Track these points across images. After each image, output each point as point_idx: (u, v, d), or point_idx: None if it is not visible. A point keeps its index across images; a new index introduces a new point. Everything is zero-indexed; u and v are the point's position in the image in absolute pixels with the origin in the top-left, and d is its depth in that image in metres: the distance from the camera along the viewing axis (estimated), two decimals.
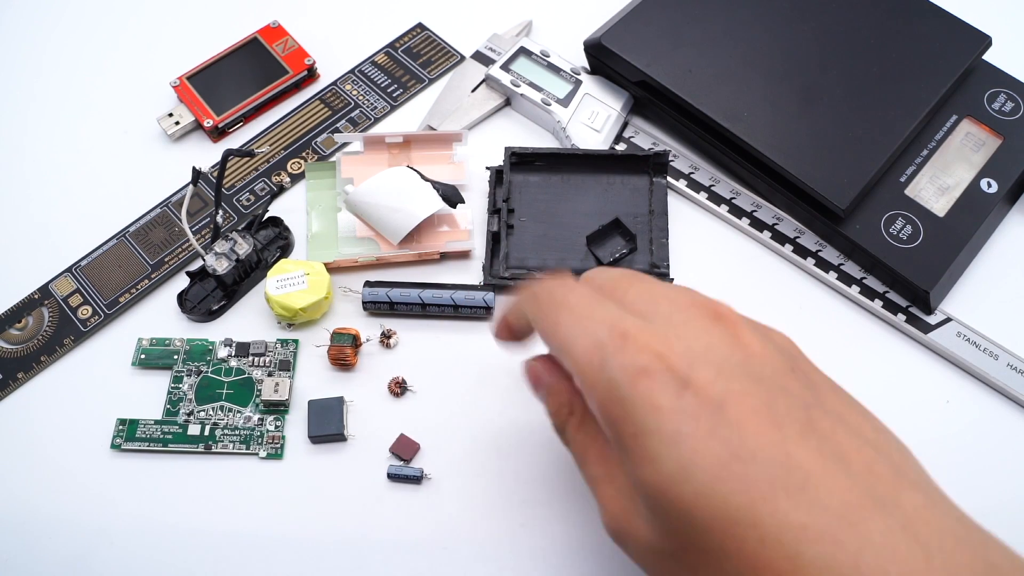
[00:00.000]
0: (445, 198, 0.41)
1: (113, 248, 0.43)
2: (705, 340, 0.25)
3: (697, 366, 0.24)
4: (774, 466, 0.22)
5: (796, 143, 0.41)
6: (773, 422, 0.23)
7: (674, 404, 0.23)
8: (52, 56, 0.50)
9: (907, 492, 0.23)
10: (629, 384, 0.24)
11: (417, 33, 0.50)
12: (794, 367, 0.26)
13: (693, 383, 0.24)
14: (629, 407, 0.24)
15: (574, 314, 0.27)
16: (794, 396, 0.24)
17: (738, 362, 0.24)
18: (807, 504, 0.22)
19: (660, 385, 0.24)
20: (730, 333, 0.25)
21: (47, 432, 0.38)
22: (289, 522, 0.36)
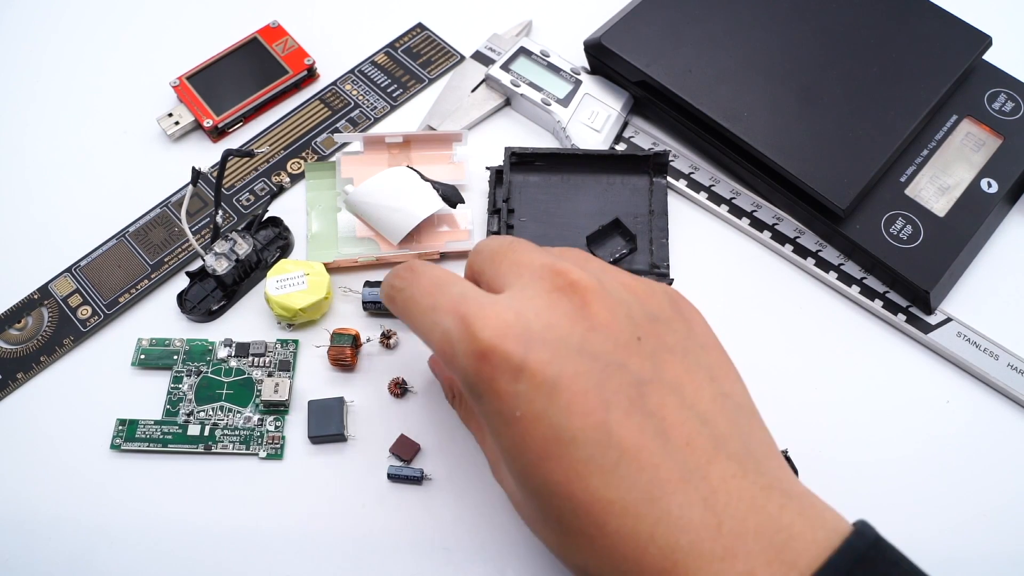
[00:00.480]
0: (445, 198, 0.41)
1: (113, 248, 0.43)
2: (546, 317, 0.26)
3: (533, 348, 0.25)
4: (592, 446, 0.24)
5: (796, 143, 0.41)
6: (600, 402, 0.25)
7: (511, 388, 0.25)
8: (52, 56, 0.50)
9: (719, 464, 0.25)
10: (474, 372, 0.26)
11: (417, 33, 0.50)
12: (643, 335, 0.27)
13: (528, 366, 0.25)
14: (476, 392, 0.26)
15: (420, 306, 0.29)
16: (629, 372, 0.26)
17: (577, 340, 0.26)
18: (617, 481, 0.24)
19: (498, 370, 0.25)
20: (576, 306, 0.26)
21: (47, 432, 0.38)
22: (289, 522, 0.36)
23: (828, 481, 0.37)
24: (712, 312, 0.41)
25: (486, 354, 0.25)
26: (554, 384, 0.25)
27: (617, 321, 0.26)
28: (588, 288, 0.27)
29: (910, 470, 0.37)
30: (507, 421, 0.26)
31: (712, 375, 0.27)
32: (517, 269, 0.28)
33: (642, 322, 0.27)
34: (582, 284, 0.27)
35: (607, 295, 0.27)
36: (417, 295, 0.29)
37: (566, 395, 0.25)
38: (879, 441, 0.38)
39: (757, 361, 0.40)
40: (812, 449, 0.37)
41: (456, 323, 0.27)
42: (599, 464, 0.24)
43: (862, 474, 0.37)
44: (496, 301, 0.27)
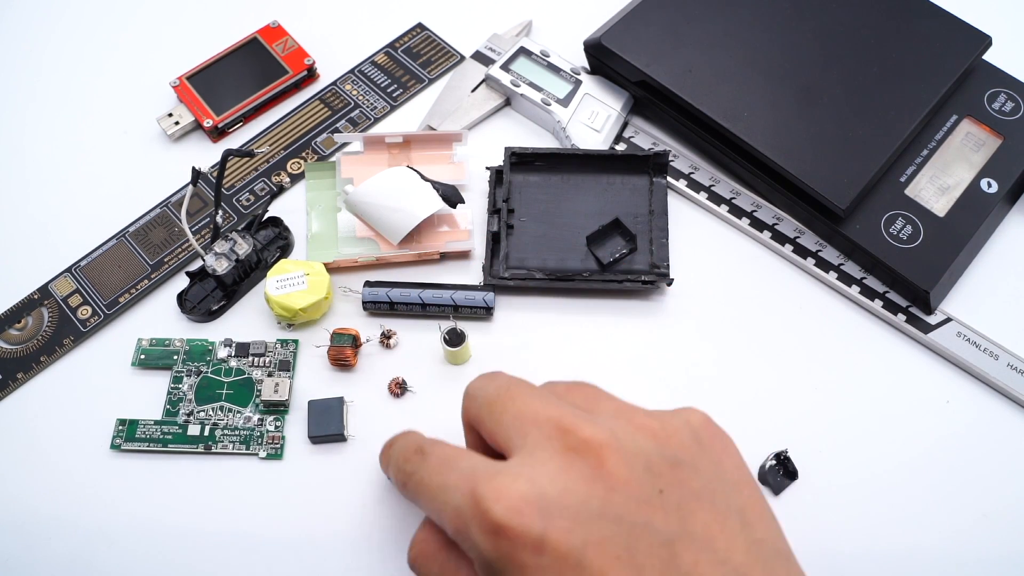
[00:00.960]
0: (445, 198, 0.41)
1: (113, 248, 0.43)
2: (562, 482, 0.25)
3: (551, 518, 0.24)
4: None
5: (796, 143, 0.41)
6: (633, 567, 0.23)
7: (534, 561, 0.24)
8: (52, 56, 0.50)
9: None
10: (492, 549, 0.24)
11: (417, 33, 0.50)
12: (665, 486, 0.25)
13: (549, 539, 0.24)
14: (495, 570, 0.24)
15: (430, 489, 0.27)
16: (656, 532, 0.24)
17: (597, 504, 0.24)
18: None
19: (518, 546, 0.24)
20: (591, 466, 0.25)
21: (47, 432, 0.38)
22: (289, 522, 0.36)
23: (828, 481, 0.37)
24: (712, 312, 0.41)
25: (502, 530, 0.24)
26: (581, 555, 0.23)
27: (636, 476, 0.25)
28: (602, 445, 0.25)
29: (910, 470, 0.37)
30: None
31: (744, 520, 0.25)
32: (521, 425, 0.27)
33: (663, 471, 0.26)
34: (595, 441, 0.25)
35: (622, 448, 0.25)
36: (426, 477, 0.28)
37: (596, 565, 0.23)
38: (879, 441, 0.38)
39: (757, 361, 0.40)
40: (812, 449, 0.37)
41: (467, 500, 0.25)
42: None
43: (862, 474, 0.37)
44: (506, 470, 0.25)
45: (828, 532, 0.36)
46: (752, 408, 0.38)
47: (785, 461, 0.37)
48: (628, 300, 0.41)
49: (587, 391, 0.29)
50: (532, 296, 0.41)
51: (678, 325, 0.41)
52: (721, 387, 0.39)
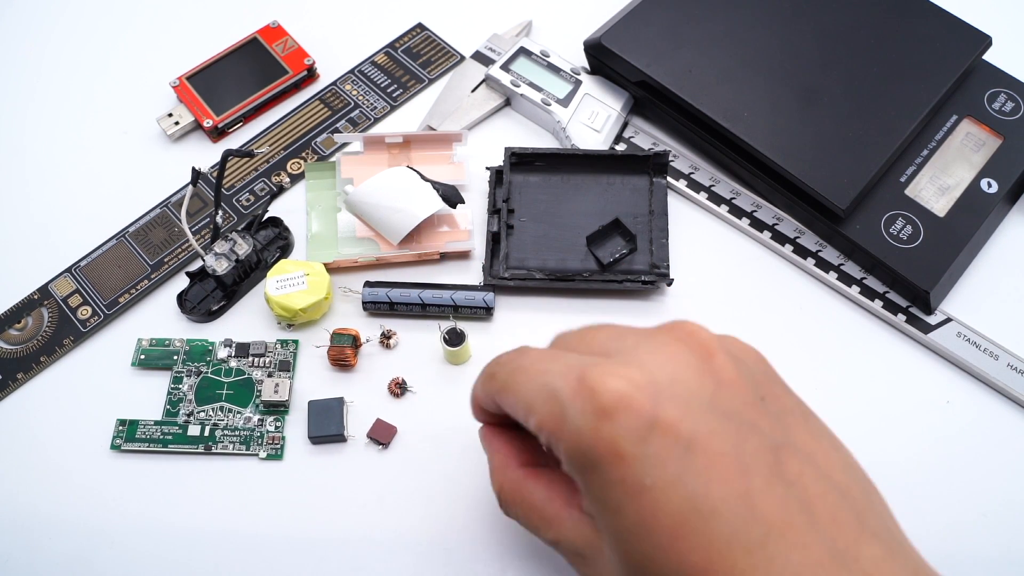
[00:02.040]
0: (445, 198, 0.41)
1: (113, 248, 0.43)
2: (671, 369, 0.23)
3: (663, 402, 0.22)
4: (735, 520, 0.21)
5: (796, 143, 0.41)
6: (740, 468, 0.22)
7: (638, 451, 0.22)
8: (52, 56, 0.50)
9: (867, 545, 0.22)
10: (592, 431, 0.23)
11: (417, 33, 0.50)
12: (765, 395, 0.24)
13: (660, 423, 0.22)
14: (592, 458, 0.23)
15: (528, 373, 0.26)
16: (764, 434, 0.23)
17: (708, 396, 0.23)
18: (766, 562, 0.21)
19: (623, 429, 0.22)
20: (699, 358, 0.24)
21: (47, 433, 0.38)
22: (289, 522, 0.36)
23: None
24: (712, 312, 0.41)
25: (609, 411, 0.22)
26: (689, 443, 0.22)
27: (742, 378, 0.24)
28: (709, 340, 0.24)
29: (910, 470, 0.37)
30: (632, 492, 0.22)
31: (833, 443, 0.25)
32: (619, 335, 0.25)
33: (762, 380, 0.25)
34: (701, 335, 0.24)
35: (727, 347, 0.25)
36: (526, 364, 0.26)
37: (703, 458, 0.22)
38: (879, 441, 0.38)
39: None
40: None
41: (570, 383, 0.23)
42: (744, 542, 0.21)
43: None
44: (618, 363, 0.24)
45: None
46: None
47: None
48: (628, 300, 0.41)
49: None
50: (532, 296, 0.41)
51: None
52: None
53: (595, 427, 0.22)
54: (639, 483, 0.22)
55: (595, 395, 0.23)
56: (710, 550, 0.21)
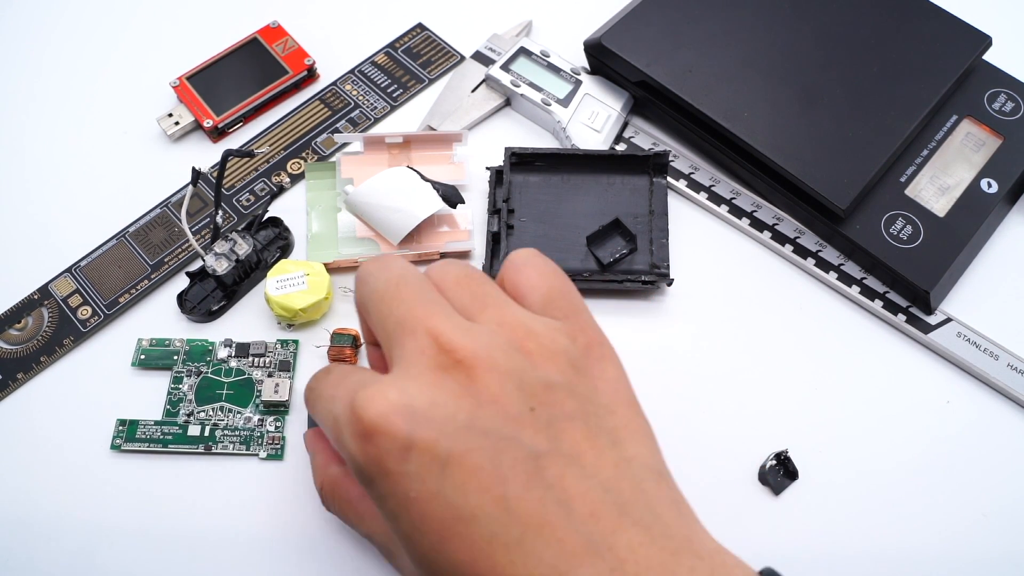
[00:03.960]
0: (445, 198, 0.41)
1: (113, 248, 0.43)
2: (431, 395, 0.25)
3: (418, 426, 0.24)
4: (493, 523, 0.24)
5: (796, 143, 0.41)
6: (496, 477, 0.24)
7: (400, 468, 0.24)
8: (52, 56, 0.50)
9: (626, 532, 0.24)
10: (361, 453, 0.25)
11: (417, 33, 0.50)
12: (537, 405, 0.26)
13: (415, 444, 0.24)
14: (366, 475, 0.25)
15: (322, 400, 0.28)
16: (523, 446, 0.25)
17: (464, 417, 0.25)
18: (523, 557, 0.23)
19: (384, 450, 0.24)
20: (461, 384, 0.25)
21: (47, 433, 0.38)
22: (289, 523, 0.36)
23: (828, 481, 0.37)
24: (712, 312, 0.41)
25: (370, 434, 0.25)
26: (445, 462, 0.24)
27: (507, 394, 0.25)
28: (474, 363, 0.26)
29: (910, 471, 0.37)
30: (402, 503, 0.25)
31: (614, 439, 0.26)
32: (401, 332, 0.27)
33: (536, 390, 0.26)
34: (467, 360, 0.26)
35: (496, 367, 0.26)
36: (322, 389, 0.29)
37: (459, 472, 0.24)
38: (879, 441, 0.38)
39: (757, 361, 0.40)
40: (812, 449, 0.37)
41: (344, 407, 0.26)
42: (503, 540, 0.24)
43: (862, 474, 0.37)
44: (381, 381, 0.26)
45: (828, 532, 0.36)
46: (752, 408, 0.38)
47: (785, 461, 0.37)
48: (628, 300, 0.41)
49: (475, 288, 0.29)
50: None
51: (678, 325, 0.41)
52: (721, 387, 0.39)
53: (362, 448, 0.25)
54: (405, 495, 0.24)
55: (359, 420, 0.25)
56: (473, 550, 0.24)
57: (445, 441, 0.24)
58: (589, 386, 0.27)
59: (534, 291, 0.29)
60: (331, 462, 0.32)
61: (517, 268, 0.30)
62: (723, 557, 0.25)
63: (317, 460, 0.33)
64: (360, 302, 0.30)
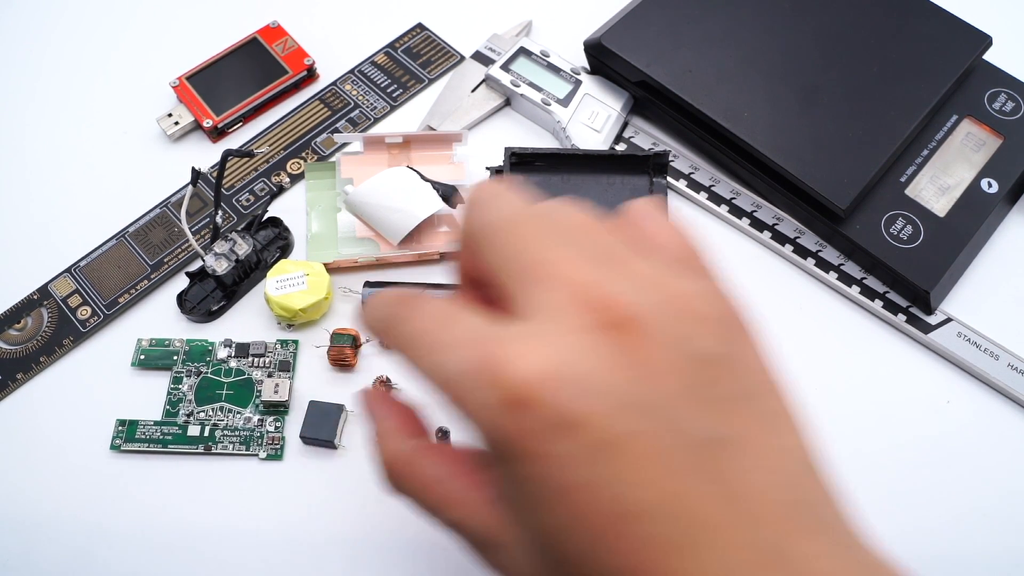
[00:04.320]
0: (445, 198, 0.41)
1: (113, 248, 0.43)
2: (588, 361, 0.20)
3: (583, 403, 0.20)
4: (666, 521, 0.20)
5: (796, 143, 0.41)
6: (667, 468, 0.20)
7: (553, 449, 0.20)
8: (52, 56, 0.50)
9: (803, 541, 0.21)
10: (505, 427, 0.20)
11: (417, 33, 0.50)
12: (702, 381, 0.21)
13: (577, 424, 0.20)
14: (504, 451, 0.21)
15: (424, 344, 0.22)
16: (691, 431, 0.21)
17: (628, 393, 0.20)
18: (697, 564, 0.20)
19: (538, 426, 0.20)
20: (627, 348, 0.21)
21: (47, 433, 0.38)
22: (289, 523, 0.36)
23: None
24: None
25: (522, 405, 0.20)
26: (610, 446, 0.20)
27: (671, 367, 0.21)
28: (636, 325, 0.21)
29: (910, 470, 0.37)
30: (551, 492, 0.20)
31: (775, 426, 0.22)
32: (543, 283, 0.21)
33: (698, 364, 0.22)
34: (627, 321, 0.21)
35: (658, 332, 0.21)
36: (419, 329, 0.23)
37: (625, 459, 0.20)
38: (879, 441, 0.38)
39: None
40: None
41: (476, 361, 0.21)
42: (676, 542, 0.20)
43: (862, 474, 0.37)
44: (525, 337, 0.21)
45: None
46: None
47: None
48: None
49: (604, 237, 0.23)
50: None
51: None
52: None
53: (503, 422, 0.20)
54: (557, 483, 0.20)
55: (506, 385, 0.20)
56: (640, 553, 0.20)
57: (610, 421, 0.20)
58: (744, 363, 0.23)
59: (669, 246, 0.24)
60: (404, 433, 0.26)
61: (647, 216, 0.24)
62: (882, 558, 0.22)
63: (384, 426, 0.26)
64: (469, 233, 0.24)
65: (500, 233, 0.23)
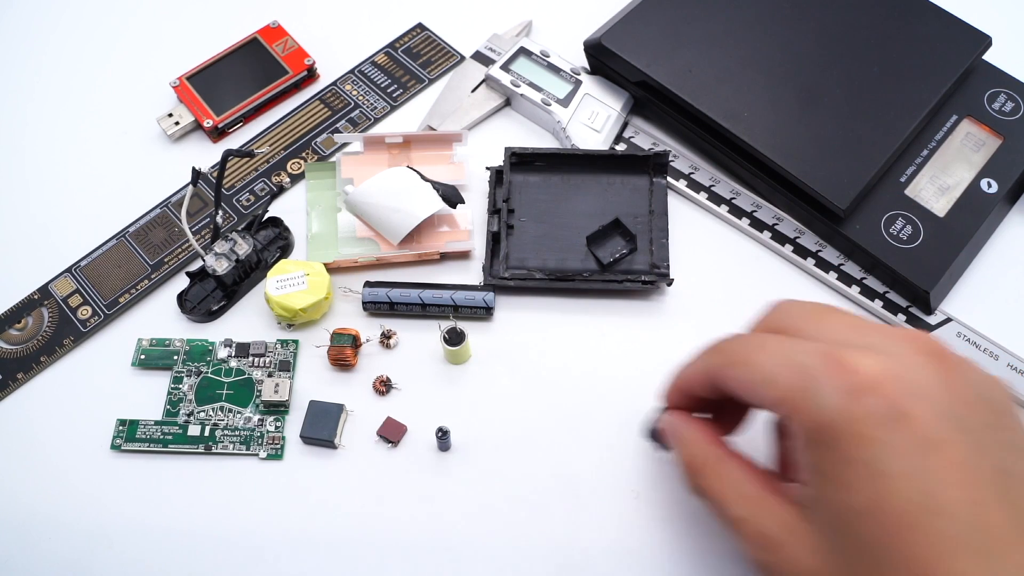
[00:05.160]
0: (445, 198, 0.41)
1: (113, 248, 0.43)
2: (922, 376, 0.24)
3: (915, 401, 0.23)
4: (963, 525, 0.22)
5: (796, 143, 0.41)
6: (973, 479, 0.23)
7: (884, 436, 0.23)
8: (52, 56, 0.50)
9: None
10: (841, 408, 0.23)
11: (417, 33, 0.50)
12: (998, 424, 0.25)
13: (909, 418, 0.23)
14: (836, 433, 0.24)
15: (770, 349, 0.26)
16: (995, 455, 0.24)
17: (950, 407, 0.24)
18: (987, 570, 0.22)
19: (874, 412, 0.23)
20: (944, 373, 0.24)
21: (47, 433, 0.38)
22: (289, 523, 0.36)
23: None
24: (712, 312, 0.41)
25: (864, 391, 0.23)
26: (931, 445, 0.23)
27: (978, 402, 0.25)
28: (952, 359, 0.25)
29: None
30: (869, 474, 0.23)
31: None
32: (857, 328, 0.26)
33: (998, 410, 0.25)
34: (946, 353, 0.25)
35: (967, 370, 0.25)
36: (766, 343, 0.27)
37: (942, 460, 0.23)
38: None
39: None
40: None
41: (822, 359, 0.24)
42: (969, 545, 0.22)
43: None
44: (864, 350, 0.25)
45: None
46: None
47: None
48: (628, 300, 0.41)
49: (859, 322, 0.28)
50: (532, 296, 0.41)
51: (678, 325, 0.41)
52: None
53: (845, 404, 0.23)
54: (877, 467, 0.23)
55: (850, 373, 0.23)
56: (936, 548, 0.22)
57: (934, 422, 0.23)
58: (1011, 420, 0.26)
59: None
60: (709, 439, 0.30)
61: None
62: None
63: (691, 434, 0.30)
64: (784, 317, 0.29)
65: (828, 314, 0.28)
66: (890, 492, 0.23)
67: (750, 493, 0.28)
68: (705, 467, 0.29)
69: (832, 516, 0.24)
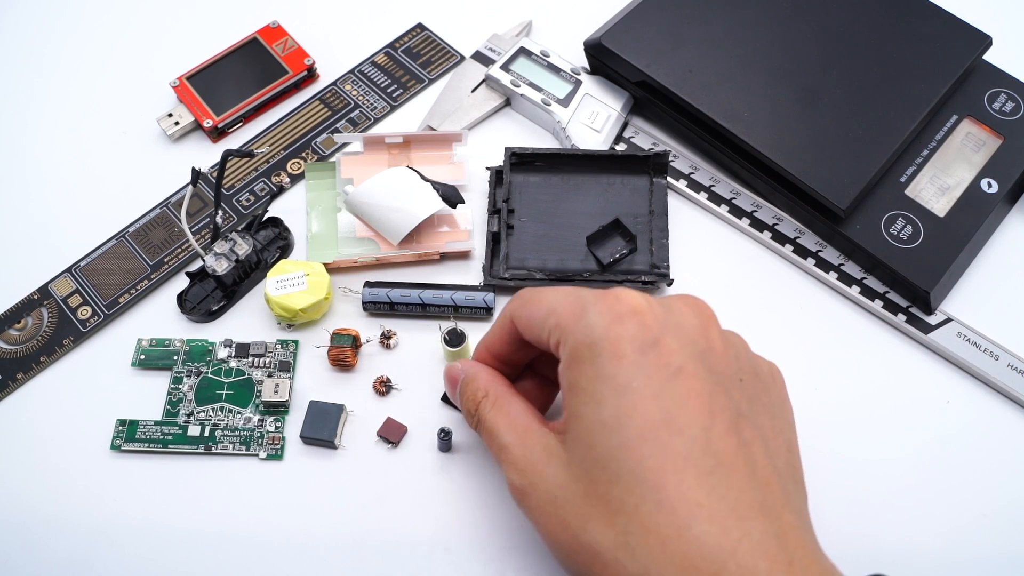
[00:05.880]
0: (445, 198, 0.41)
1: (113, 248, 0.43)
2: (683, 319, 0.28)
3: (668, 333, 0.27)
4: (694, 444, 0.25)
5: (796, 143, 0.41)
6: (708, 408, 0.26)
7: (635, 358, 0.26)
8: (52, 56, 0.50)
9: (788, 514, 0.26)
10: (603, 327, 0.27)
11: (417, 33, 0.50)
12: (744, 379, 0.29)
13: (660, 345, 0.26)
14: (596, 350, 0.27)
15: (560, 290, 0.30)
16: (733, 400, 0.27)
17: (702, 348, 0.27)
18: (709, 487, 0.25)
19: (630, 335, 0.26)
20: (702, 323, 0.28)
21: (47, 433, 0.38)
22: (289, 523, 0.36)
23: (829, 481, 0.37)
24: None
25: (626, 316, 0.27)
26: (676, 371, 0.26)
27: (728, 356, 0.28)
28: (713, 318, 0.29)
29: (910, 470, 0.37)
30: (619, 390, 0.26)
31: (788, 446, 0.29)
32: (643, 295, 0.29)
33: (746, 369, 0.29)
34: (709, 311, 0.29)
35: (735, 339, 0.30)
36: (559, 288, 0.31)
37: (683, 387, 0.26)
38: (879, 441, 0.38)
39: None
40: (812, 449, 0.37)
41: (599, 294, 0.28)
42: (696, 464, 0.25)
43: (862, 474, 0.37)
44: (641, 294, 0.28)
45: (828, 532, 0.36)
46: None
47: None
48: None
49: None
50: None
51: None
52: None
53: (607, 324, 0.27)
54: (627, 383, 0.26)
55: (617, 302, 0.27)
56: (666, 461, 0.25)
57: (684, 355, 0.26)
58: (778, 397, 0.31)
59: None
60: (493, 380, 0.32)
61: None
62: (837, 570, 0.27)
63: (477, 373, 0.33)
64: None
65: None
66: (635, 407, 0.26)
67: (521, 424, 0.30)
68: (486, 400, 0.32)
69: (582, 431, 0.27)
